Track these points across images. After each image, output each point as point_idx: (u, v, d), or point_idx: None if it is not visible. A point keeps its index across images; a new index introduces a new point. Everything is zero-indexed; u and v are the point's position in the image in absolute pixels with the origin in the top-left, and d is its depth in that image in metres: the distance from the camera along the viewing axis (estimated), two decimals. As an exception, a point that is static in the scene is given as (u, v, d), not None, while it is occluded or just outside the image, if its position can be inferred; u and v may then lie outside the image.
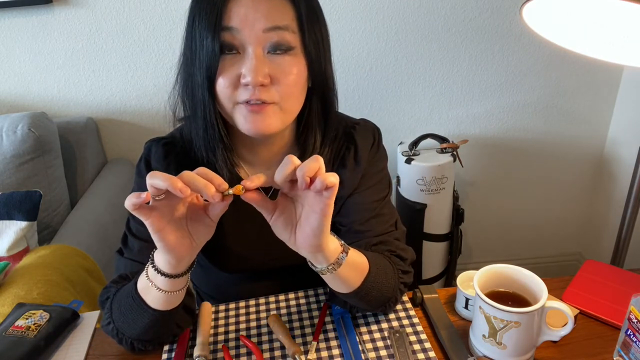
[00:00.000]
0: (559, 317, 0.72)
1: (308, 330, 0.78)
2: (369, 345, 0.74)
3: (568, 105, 1.84)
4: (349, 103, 1.76)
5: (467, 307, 0.79)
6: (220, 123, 0.73)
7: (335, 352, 0.74)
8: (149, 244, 0.75)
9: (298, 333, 0.78)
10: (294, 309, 0.83)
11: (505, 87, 1.79)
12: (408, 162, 1.64)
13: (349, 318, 0.79)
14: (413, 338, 0.75)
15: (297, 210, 0.59)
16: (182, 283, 0.65)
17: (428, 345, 0.74)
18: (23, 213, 1.25)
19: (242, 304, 0.85)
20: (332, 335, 0.77)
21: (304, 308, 0.83)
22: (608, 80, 1.80)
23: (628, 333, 0.66)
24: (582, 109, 1.85)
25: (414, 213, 1.69)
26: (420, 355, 0.72)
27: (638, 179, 1.15)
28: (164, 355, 0.75)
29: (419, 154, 1.67)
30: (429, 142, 1.70)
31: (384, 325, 0.78)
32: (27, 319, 0.78)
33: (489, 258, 2.10)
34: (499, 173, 1.94)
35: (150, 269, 0.63)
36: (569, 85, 1.80)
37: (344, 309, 0.80)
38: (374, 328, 0.78)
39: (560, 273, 2.14)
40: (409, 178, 1.66)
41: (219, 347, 0.76)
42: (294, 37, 0.69)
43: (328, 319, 0.80)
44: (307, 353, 0.73)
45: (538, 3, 0.79)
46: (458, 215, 1.78)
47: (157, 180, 0.52)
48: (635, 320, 0.64)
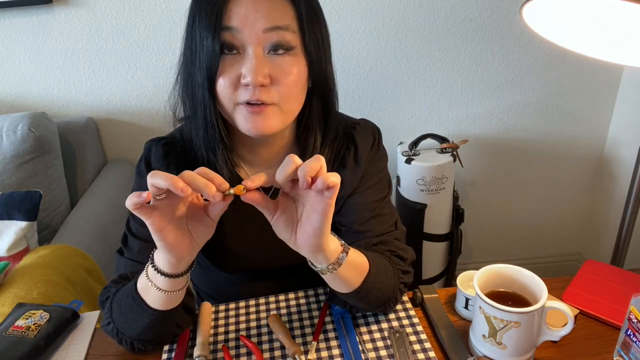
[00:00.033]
0: (559, 317, 0.72)
1: (308, 330, 0.78)
2: (369, 345, 0.74)
3: (568, 105, 1.84)
4: (349, 103, 1.76)
5: (467, 307, 0.79)
6: (221, 123, 0.73)
7: (335, 352, 0.74)
8: (149, 244, 0.76)
9: (298, 333, 0.78)
10: (294, 309, 0.83)
11: (505, 87, 1.79)
12: (408, 162, 1.64)
13: (349, 318, 0.79)
14: (413, 338, 0.75)
15: (298, 210, 0.59)
16: (182, 283, 0.65)
17: (428, 345, 0.74)
18: (23, 213, 1.25)
19: (242, 304, 0.85)
20: (332, 335, 0.77)
21: (304, 308, 0.83)
22: (608, 80, 1.80)
23: (628, 333, 0.66)
24: (582, 109, 1.85)
25: (414, 213, 1.69)
26: (420, 355, 0.72)
27: (638, 179, 1.15)
28: (164, 355, 0.75)
29: (419, 154, 1.67)
30: (429, 142, 1.70)
31: (384, 325, 0.78)
32: (27, 319, 0.78)
33: (489, 258, 2.10)
34: (499, 173, 1.94)
35: (150, 269, 0.63)
36: (569, 85, 1.80)
37: (344, 309, 0.80)
38: (374, 328, 0.78)
39: (560, 273, 2.14)
40: (409, 178, 1.66)
41: (219, 347, 0.76)
42: (294, 37, 0.69)
43: (328, 319, 0.80)
44: (307, 353, 0.73)
45: (538, 3, 0.79)
46: (458, 215, 1.78)
47: (158, 180, 0.52)
48: (635, 320, 0.64)
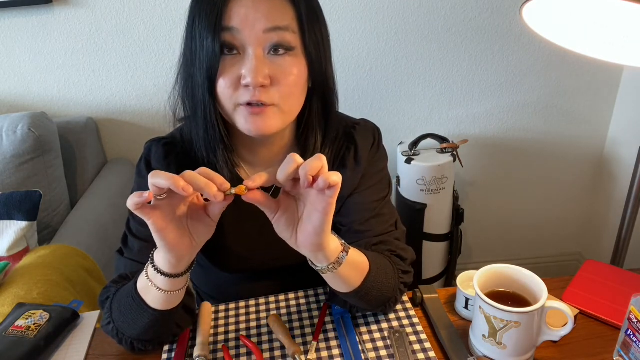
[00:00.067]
0: (559, 317, 0.72)
1: (308, 330, 0.78)
2: (369, 345, 0.74)
3: (568, 105, 1.84)
4: (349, 103, 1.76)
5: (467, 307, 0.79)
6: (221, 123, 0.73)
7: (335, 352, 0.74)
8: (149, 244, 0.76)
9: (298, 333, 0.78)
10: (294, 309, 0.83)
11: (505, 87, 1.79)
12: (408, 162, 1.64)
13: (349, 318, 0.79)
14: (413, 338, 0.75)
15: (299, 209, 0.59)
16: (182, 283, 0.65)
17: (428, 345, 0.74)
18: (23, 213, 1.25)
19: (242, 304, 0.85)
20: (332, 335, 0.77)
21: (304, 308, 0.83)
22: (608, 80, 1.80)
23: (628, 333, 0.66)
24: (582, 109, 1.85)
25: (414, 213, 1.69)
26: (420, 355, 0.72)
27: (638, 179, 1.15)
28: (164, 355, 0.75)
29: (419, 154, 1.67)
30: (429, 142, 1.70)
31: (384, 325, 0.78)
32: (27, 319, 0.78)
33: (489, 258, 2.10)
34: (499, 173, 1.94)
35: (150, 269, 0.63)
36: (569, 85, 1.80)
37: (344, 309, 0.80)
38: (374, 328, 0.78)
39: (560, 273, 2.14)
40: (409, 178, 1.66)
41: (219, 347, 0.76)
42: (295, 37, 0.69)
43: (328, 319, 0.80)
44: (307, 353, 0.73)
45: (538, 3, 0.79)
46: (458, 215, 1.78)
47: (159, 180, 0.52)
48: (635, 320, 0.64)
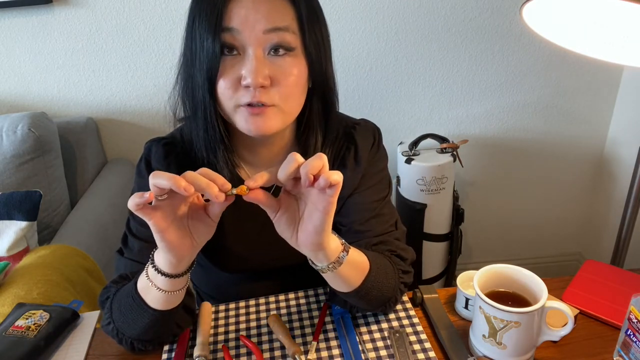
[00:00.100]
0: (559, 317, 0.72)
1: (308, 330, 0.78)
2: (369, 345, 0.74)
3: (568, 105, 1.84)
4: (349, 103, 1.76)
5: (467, 307, 0.79)
6: (221, 124, 0.73)
7: (335, 352, 0.74)
8: (149, 244, 0.76)
9: (298, 333, 0.78)
10: (294, 309, 0.83)
11: (505, 87, 1.79)
12: (408, 162, 1.64)
13: (349, 318, 0.79)
14: (413, 338, 0.75)
15: (300, 208, 0.59)
16: (182, 283, 0.65)
17: (428, 345, 0.74)
18: (23, 213, 1.25)
19: (242, 304, 0.85)
20: (332, 335, 0.77)
21: (304, 308, 0.83)
22: (608, 80, 1.80)
23: (628, 333, 0.66)
24: (582, 109, 1.85)
25: (414, 213, 1.69)
26: (420, 355, 0.72)
27: (638, 179, 1.15)
28: (164, 355, 0.75)
29: (419, 154, 1.67)
30: (429, 142, 1.70)
31: (384, 325, 0.78)
32: (27, 319, 0.78)
33: (489, 258, 2.10)
34: (499, 173, 1.94)
35: (151, 269, 0.63)
36: (569, 85, 1.80)
37: (344, 309, 0.80)
38: (374, 328, 0.78)
39: (560, 273, 2.14)
40: (409, 178, 1.66)
41: (219, 347, 0.76)
42: (295, 38, 0.68)
43: (328, 319, 0.80)
44: (307, 353, 0.73)
45: (538, 3, 0.79)
46: (458, 215, 1.78)
47: (160, 180, 0.52)
48: (635, 320, 0.64)
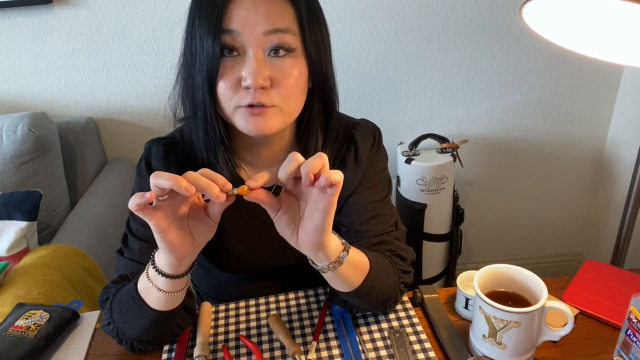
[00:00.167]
0: (559, 317, 0.72)
1: (308, 330, 0.78)
2: (369, 345, 0.74)
3: (568, 105, 1.84)
4: (349, 103, 1.76)
5: (467, 307, 0.79)
6: (221, 125, 0.73)
7: (335, 352, 0.74)
8: (149, 244, 0.76)
9: (298, 333, 0.78)
10: (294, 309, 0.83)
11: (505, 87, 1.79)
12: (408, 162, 1.64)
13: (349, 318, 0.79)
14: (413, 338, 0.75)
15: (300, 208, 0.59)
16: (182, 284, 0.65)
17: (428, 345, 0.74)
18: (23, 213, 1.25)
19: (242, 304, 0.85)
20: (332, 335, 0.77)
21: (304, 308, 0.83)
22: (608, 80, 1.80)
23: (628, 333, 0.66)
24: (582, 109, 1.85)
25: (414, 213, 1.69)
26: (420, 355, 0.72)
27: (638, 179, 1.15)
28: (164, 355, 0.75)
29: (419, 154, 1.67)
30: (429, 142, 1.70)
31: (384, 325, 0.78)
32: (27, 319, 0.78)
33: (489, 258, 2.10)
34: (499, 173, 1.94)
35: (151, 270, 0.63)
36: (569, 85, 1.80)
37: (344, 309, 0.80)
38: (374, 328, 0.78)
39: (560, 273, 2.14)
40: (409, 178, 1.66)
41: (219, 347, 0.76)
42: (295, 39, 0.68)
43: (328, 319, 0.80)
44: (307, 353, 0.73)
45: (538, 3, 0.79)
46: (458, 215, 1.78)
47: (161, 180, 0.52)
48: (635, 320, 0.64)
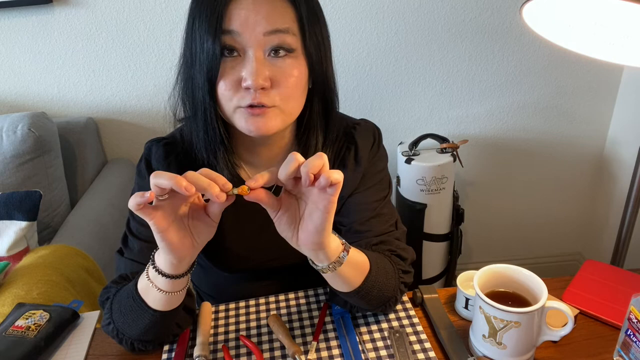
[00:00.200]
0: (559, 317, 0.72)
1: (308, 330, 0.78)
2: (369, 345, 0.74)
3: (568, 106, 1.84)
4: (349, 103, 1.76)
5: (467, 307, 0.79)
6: (221, 125, 0.73)
7: (335, 352, 0.74)
8: (150, 244, 0.76)
9: (298, 333, 0.78)
10: (294, 309, 0.83)
11: (505, 87, 1.79)
12: (408, 162, 1.64)
13: (349, 318, 0.79)
14: (413, 338, 0.75)
15: (300, 208, 0.59)
16: (182, 284, 0.65)
17: (428, 345, 0.74)
18: (23, 213, 1.25)
19: (242, 304, 0.85)
20: (332, 335, 0.77)
21: (304, 308, 0.83)
22: (608, 80, 1.80)
23: (628, 333, 0.66)
24: (582, 109, 1.85)
25: (414, 213, 1.69)
26: (420, 355, 0.72)
27: (638, 179, 1.15)
28: (164, 355, 0.75)
29: (419, 154, 1.67)
30: (429, 142, 1.70)
31: (384, 325, 0.78)
32: (27, 319, 0.78)
33: (489, 258, 2.10)
34: (499, 173, 1.94)
35: (151, 270, 0.63)
36: (569, 86, 1.80)
37: (344, 309, 0.80)
38: (374, 328, 0.78)
39: (560, 273, 2.14)
40: (409, 178, 1.66)
41: (219, 347, 0.76)
42: (295, 39, 0.68)
43: (328, 319, 0.80)
44: (307, 353, 0.73)
45: (538, 3, 0.79)
46: (458, 215, 1.78)
47: (161, 180, 0.52)
48: (635, 320, 0.64)
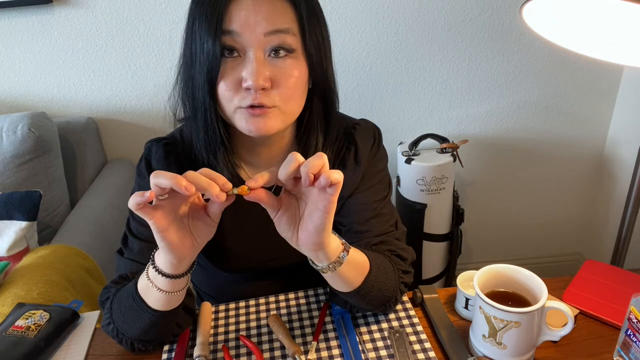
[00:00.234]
0: (559, 317, 0.72)
1: (308, 330, 0.78)
2: (369, 345, 0.74)
3: (568, 106, 1.84)
4: (349, 103, 1.76)
5: (467, 307, 0.79)
6: (221, 126, 0.73)
7: (335, 352, 0.74)
8: (149, 244, 0.76)
9: (298, 333, 0.78)
10: (294, 309, 0.83)
11: (505, 87, 1.79)
12: (408, 162, 1.64)
13: (349, 318, 0.79)
14: (413, 338, 0.75)
15: (300, 208, 0.59)
16: (182, 284, 0.65)
17: (428, 345, 0.74)
18: (23, 213, 1.25)
19: (242, 304, 0.85)
20: (332, 335, 0.77)
21: (304, 308, 0.83)
22: (608, 80, 1.80)
23: (628, 333, 0.66)
24: (582, 109, 1.85)
25: (414, 213, 1.69)
26: (420, 355, 0.72)
27: (638, 179, 1.15)
28: (164, 355, 0.75)
29: (419, 154, 1.67)
30: (429, 142, 1.70)
31: (384, 325, 0.78)
32: (27, 319, 0.78)
33: (489, 258, 2.10)
34: (499, 173, 1.94)
35: (151, 270, 0.63)
36: (569, 85, 1.80)
37: (344, 309, 0.80)
38: (374, 328, 0.78)
39: (560, 273, 2.14)
40: (409, 178, 1.66)
41: (219, 347, 0.76)
42: (295, 39, 0.68)
43: (328, 319, 0.80)
44: (307, 353, 0.73)
45: (538, 3, 0.79)
46: (458, 215, 1.78)
47: (161, 179, 0.52)
48: (635, 320, 0.64)
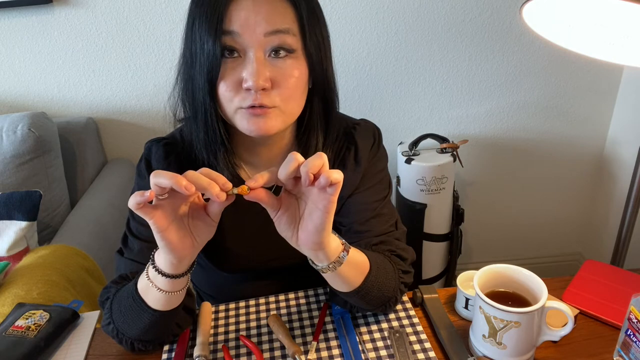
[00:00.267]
0: (559, 317, 0.72)
1: (308, 330, 0.78)
2: (369, 345, 0.74)
3: (568, 106, 1.84)
4: (349, 103, 1.76)
5: (467, 307, 0.79)
6: (221, 126, 0.73)
7: (335, 352, 0.74)
8: (149, 244, 0.76)
9: (298, 333, 0.78)
10: (294, 309, 0.83)
11: (505, 87, 1.79)
12: (408, 162, 1.64)
13: (349, 318, 0.79)
14: (413, 338, 0.75)
15: (300, 208, 0.59)
16: (182, 283, 0.65)
17: (428, 345, 0.74)
18: (23, 213, 1.25)
19: (242, 304, 0.85)
20: (332, 335, 0.77)
21: (304, 308, 0.83)
22: (608, 80, 1.80)
23: (628, 333, 0.66)
24: (582, 109, 1.85)
25: (414, 213, 1.69)
26: (420, 355, 0.72)
27: (638, 179, 1.15)
28: (164, 355, 0.75)
29: (419, 154, 1.67)
30: (429, 142, 1.70)
31: (384, 325, 0.78)
32: (27, 319, 0.78)
33: (489, 258, 2.10)
34: (499, 173, 1.94)
35: (151, 270, 0.63)
36: (569, 85, 1.80)
37: (344, 309, 0.80)
38: (374, 328, 0.78)
39: (560, 273, 2.14)
40: (409, 178, 1.66)
41: (219, 347, 0.76)
42: (295, 40, 0.68)
43: (328, 319, 0.80)
44: (307, 353, 0.73)
45: (538, 3, 0.79)
46: (458, 215, 1.78)
47: (161, 179, 0.52)
48: (635, 320, 0.64)
